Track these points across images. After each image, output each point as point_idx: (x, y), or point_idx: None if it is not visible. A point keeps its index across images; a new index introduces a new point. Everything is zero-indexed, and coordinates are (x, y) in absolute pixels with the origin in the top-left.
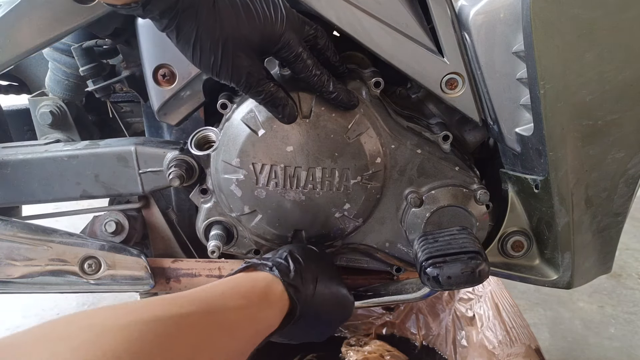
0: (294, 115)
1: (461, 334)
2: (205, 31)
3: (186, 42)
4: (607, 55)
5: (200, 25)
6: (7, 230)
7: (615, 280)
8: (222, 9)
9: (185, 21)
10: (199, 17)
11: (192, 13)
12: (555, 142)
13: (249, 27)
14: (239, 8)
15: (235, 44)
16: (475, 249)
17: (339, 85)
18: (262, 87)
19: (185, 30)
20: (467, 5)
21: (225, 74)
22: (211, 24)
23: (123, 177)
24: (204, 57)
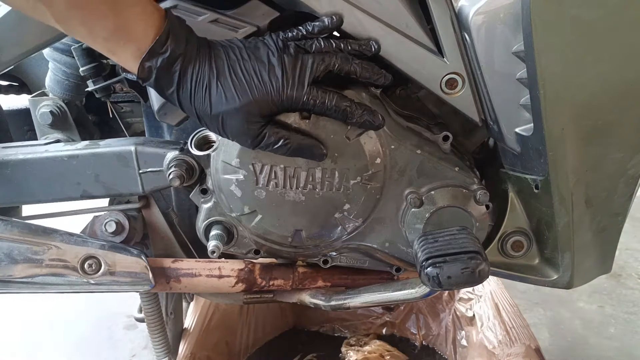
0: (322, 155)
1: (461, 333)
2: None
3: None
4: (607, 56)
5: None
6: (7, 230)
7: (615, 280)
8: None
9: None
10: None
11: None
12: (555, 142)
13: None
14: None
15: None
16: (475, 248)
17: (363, 110)
18: (278, 147)
19: (186, 111)
20: (467, 5)
21: (238, 141)
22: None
23: (123, 177)
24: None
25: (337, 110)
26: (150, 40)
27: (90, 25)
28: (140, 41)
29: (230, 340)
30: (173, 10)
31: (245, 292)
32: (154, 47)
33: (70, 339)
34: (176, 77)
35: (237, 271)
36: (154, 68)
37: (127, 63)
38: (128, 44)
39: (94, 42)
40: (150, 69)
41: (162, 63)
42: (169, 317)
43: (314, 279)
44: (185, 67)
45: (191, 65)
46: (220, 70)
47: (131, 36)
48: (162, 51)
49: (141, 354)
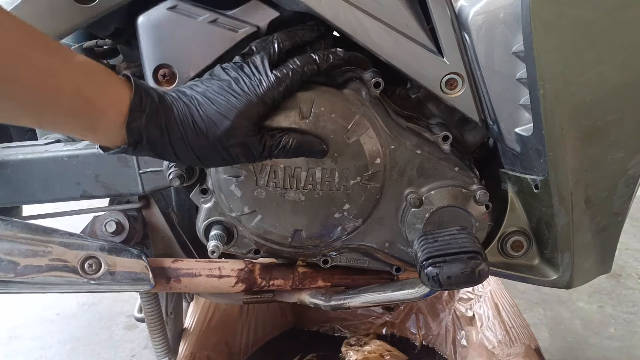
0: (323, 151)
1: (461, 333)
2: (200, 151)
3: (191, 162)
4: (607, 55)
5: (193, 148)
6: (7, 230)
7: (615, 280)
8: (201, 121)
9: (180, 154)
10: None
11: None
12: (555, 142)
13: (233, 121)
14: (213, 111)
15: (230, 146)
16: (475, 248)
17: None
18: (278, 147)
19: (185, 160)
20: (467, 6)
21: (242, 161)
22: (202, 142)
23: (123, 177)
24: (214, 165)
25: (308, 67)
26: (126, 103)
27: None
28: (116, 107)
29: (230, 340)
30: (173, 10)
31: (245, 292)
32: (133, 108)
33: (70, 338)
34: (164, 127)
35: (237, 271)
36: (142, 127)
37: (110, 134)
38: (105, 115)
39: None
40: (139, 130)
41: (147, 119)
42: (169, 317)
43: (314, 279)
44: (167, 116)
45: (171, 111)
46: (196, 103)
47: (105, 105)
48: (142, 109)
49: (141, 354)
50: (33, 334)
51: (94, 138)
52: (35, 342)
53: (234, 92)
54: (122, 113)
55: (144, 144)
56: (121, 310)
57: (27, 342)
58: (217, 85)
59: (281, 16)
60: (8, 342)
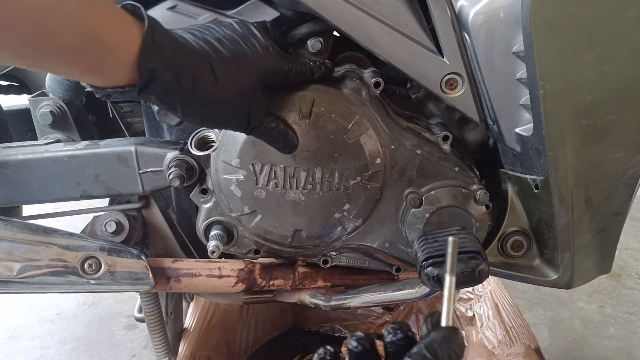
0: (294, 145)
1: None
2: (208, 102)
3: (192, 116)
4: (607, 55)
5: (204, 99)
6: (7, 230)
7: (615, 280)
8: (220, 72)
9: (188, 100)
10: (201, 92)
11: (191, 89)
12: (555, 142)
13: (247, 77)
14: (232, 62)
15: (239, 102)
16: (475, 248)
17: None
18: (263, 126)
19: (189, 108)
20: (467, 6)
21: (232, 128)
22: (212, 91)
23: (123, 177)
24: (212, 124)
25: (306, 67)
26: (138, 40)
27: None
28: (127, 45)
29: (230, 340)
30: (173, 10)
31: (245, 292)
32: (146, 46)
33: (70, 338)
34: (177, 68)
35: (237, 271)
36: (156, 68)
37: (115, 75)
38: (113, 53)
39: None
40: (152, 71)
41: (160, 59)
42: (169, 317)
43: (314, 279)
44: (183, 57)
45: (187, 52)
46: (214, 48)
47: (114, 43)
48: (155, 47)
49: (141, 354)
50: (33, 333)
51: (94, 79)
52: (35, 342)
53: (250, 45)
54: (133, 52)
55: (154, 88)
56: (121, 310)
57: (27, 342)
58: (230, 35)
59: (281, 16)
60: (8, 342)
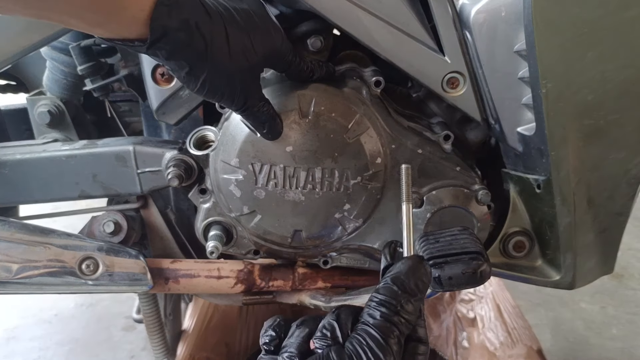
0: (279, 132)
1: (462, 335)
2: (216, 71)
3: (194, 80)
4: (609, 55)
5: (213, 64)
6: (5, 231)
7: (617, 281)
8: (233, 41)
9: (196, 62)
10: (212, 56)
11: (203, 50)
12: (557, 141)
13: (257, 53)
14: (247, 34)
15: (243, 75)
16: (477, 249)
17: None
18: (256, 108)
19: (195, 70)
20: (469, 4)
21: (227, 102)
22: (223, 57)
23: (121, 177)
24: (210, 92)
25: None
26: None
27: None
28: (141, 1)
29: (229, 341)
30: None
31: (245, 293)
32: (161, 2)
33: (68, 339)
34: (192, 28)
35: (237, 272)
36: (168, 26)
37: (126, 30)
38: (126, 9)
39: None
40: (164, 28)
41: (174, 16)
42: (168, 318)
43: (314, 279)
44: (198, 18)
45: (203, 13)
46: (231, 15)
47: (124, 5)
48: (169, 2)
49: (140, 355)
50: (31, 334)
51: (102, 32)
52: (33, 343)
53: (266, 28)
54: (147, 8)
55: (164, 45)
56: (119, 311)
57: (26, 343)
58: (248, 14)
59: (281, 14)
60: (6, 343)
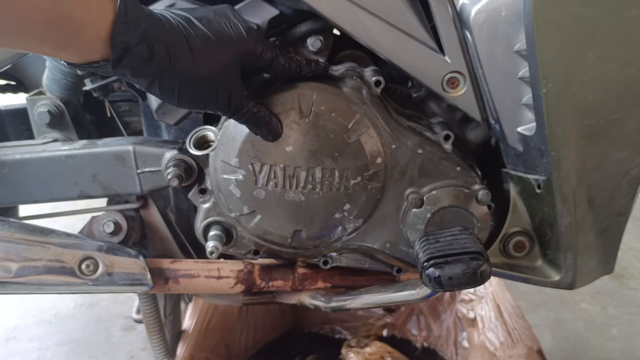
0: (278, 133)
1: (462, 335)
2: (186, 78)
3: (169, 92)
4: (610, 54)
5: (181, 74)
6: (4, 231)
7: (617, 281)
8: (196, 46)
9: (164, 75)
10: (178, 66)
11: (167, 62)
12: (558, 141)
13: (226, 55)
14: (210, 38)
15: (217, 79)
16: (477, 249)
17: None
18: (246, 109)
19: (166, 83)
20: (469, 4)
21: (212, 108)
22: (188, 65)
23: (121, 177)
24: (190, 101)
25: (292, 62)
26: (110, 15)
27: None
28: (99, 20)
29: (229, 341)
30: (171, 9)
31: (245, 293)
32: (119, 20)
33: (67, 340)
34: (152, 44)
35: (236, 272)
36: (129, 42)
37: (88, 51)
38: (85, 30)
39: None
40: (125, 45)
41: (134, 33)
42: (168, 318)
43: (314, 280)
44: (158, 33)
45: (163, 28)
46: (192, 26)
47: (86, 18)
48: (128, 21)
49: (139, 355)
50: (31, 335)
51: (68, 56)
52: (33, 344)
53: (233, 26)
54: (106, 27)
55: (128, 62)
56: (119, 312)
57: (25, 344)
58: (212, 16)
59: (281, 14)
60: (6, 343)
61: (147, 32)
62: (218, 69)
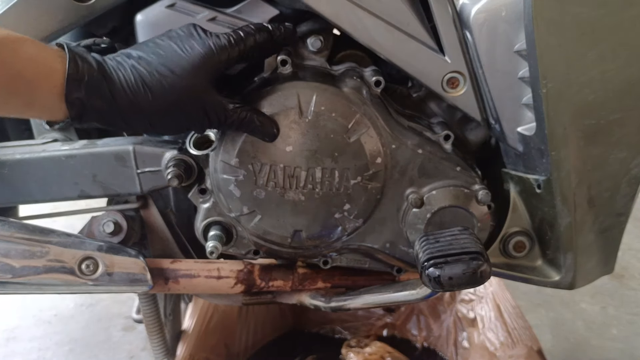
0: (273, 134)
1: (462, 335)
2: (153, 115)
3: (144, 129)
4: (610, 54)
5: (145, 115)
6: (4, 231)
7: (617, 281)
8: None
9: (130, 119)
10: (140, 108)
11: (130, 109)
12: (558, 141)
13: (188, 80)
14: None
15: (185, 106)
16: (477, 249)
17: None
18: (231, 119)
19: (135, 124)
20: (469, 4)
21: (195, 129)
22: (149, 103)
23: (121, 176)
24: (169, 130)
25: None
26: (61, 73)
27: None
28: (50, 78)
29: (229, 341)
30: (171, 8)
31: (245, 293)
32: (70, 78)
33: (67, 340)
34: (108, 95)
35: (236, 272)
36: (83, 98)
37: (50, 109)
38: (39, 88)
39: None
40: (80, 101)
41: (87, 89)
42: (168, 318)
43: (314, 280)
44: (112, 83)
45: (115, 77)
46: (145, 63)
47: (37, 78)
48: (80, 77)
49: (139, 355)
50: (31, 335)
51: (34, 115)
52: (33, 344)
53: (187, 48)
54: (58, 85)
55: (90, 115)
56: (119, 312)
57: (25, 344)
58: (167, 43)
59: (281, 14)
60: (6, 343)
61: (101, 85)
62: (183, 97)
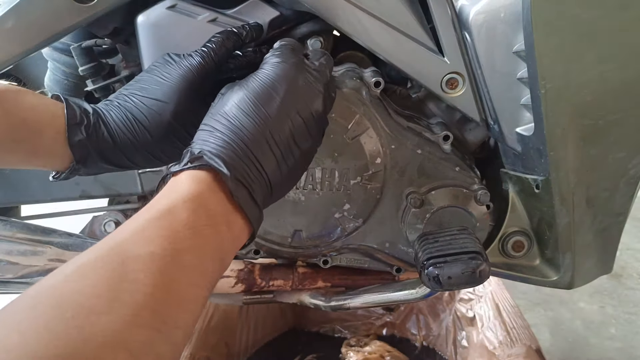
0: None
1: (462, 334)
2: (145, 149)
3: (146, 164)
4: (608, 55)
5: (140, 150)
6: (6, 231)
7: (616, 281)
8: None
9: (129, 155)
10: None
11: (128, 145)
12: (556, 141)
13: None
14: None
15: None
16: (476, 249)
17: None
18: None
19: (136, 160)
20: (468, 5)
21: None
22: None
23: (122, 177)
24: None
25: (231, 38)
26: (62, 119)
27: None
28: (53, 124)
29: (229, 341)
30: (172, 9)
31: (245, 293)
32: (71, 122)
33: None
34: (107, 136)
35: (237, 271)
36: (85, 140)
37: (55, 156)
38: (43, 134)
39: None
40: (83, 143)
41: (87, 131)
42: None
43: (314, 279)
44: (107, 124)
45: (109, 119)
46: (132, 102)
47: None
48: (79, 121)
49: None
50: None
51: (40, 163)
52: None
53: (166, 75)
54: (61, 130)
55: (93, 157)
56: None
57: None
58: (147, 77)
59: (281, 15)
60: None
61: (98, 126)
62: (174, 121)
